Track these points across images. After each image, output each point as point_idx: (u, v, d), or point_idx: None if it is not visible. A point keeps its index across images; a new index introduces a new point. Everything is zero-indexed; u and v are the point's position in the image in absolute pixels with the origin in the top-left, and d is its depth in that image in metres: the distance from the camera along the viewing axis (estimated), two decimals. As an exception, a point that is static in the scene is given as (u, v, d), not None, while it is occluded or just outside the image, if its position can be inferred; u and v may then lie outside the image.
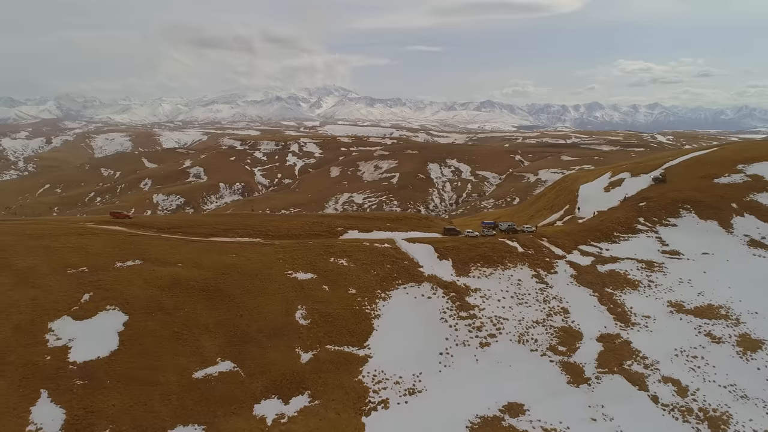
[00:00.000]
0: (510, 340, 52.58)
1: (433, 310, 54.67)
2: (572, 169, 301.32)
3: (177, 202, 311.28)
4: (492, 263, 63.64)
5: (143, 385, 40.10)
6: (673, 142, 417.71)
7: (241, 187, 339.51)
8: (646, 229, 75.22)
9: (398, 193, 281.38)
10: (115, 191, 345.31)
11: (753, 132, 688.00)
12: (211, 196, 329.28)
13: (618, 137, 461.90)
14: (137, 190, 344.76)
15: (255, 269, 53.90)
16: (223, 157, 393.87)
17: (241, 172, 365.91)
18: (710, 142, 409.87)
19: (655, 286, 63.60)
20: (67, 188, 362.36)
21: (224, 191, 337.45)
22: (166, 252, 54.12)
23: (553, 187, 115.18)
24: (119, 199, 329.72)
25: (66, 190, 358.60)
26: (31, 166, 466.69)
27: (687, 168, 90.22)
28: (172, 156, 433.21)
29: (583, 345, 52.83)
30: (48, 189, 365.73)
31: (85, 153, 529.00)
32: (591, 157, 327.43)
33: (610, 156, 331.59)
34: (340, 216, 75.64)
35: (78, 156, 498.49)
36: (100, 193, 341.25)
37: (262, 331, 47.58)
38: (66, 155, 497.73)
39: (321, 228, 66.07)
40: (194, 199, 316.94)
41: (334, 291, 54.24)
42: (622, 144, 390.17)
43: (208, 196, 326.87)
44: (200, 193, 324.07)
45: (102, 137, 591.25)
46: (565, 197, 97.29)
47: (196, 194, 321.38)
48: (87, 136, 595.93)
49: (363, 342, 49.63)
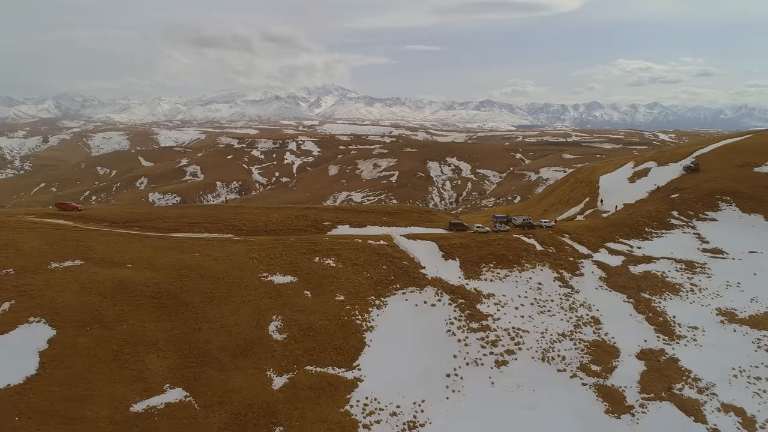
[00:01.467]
0: (532, 357, 43.13)
1: (437, 321, 45.24)
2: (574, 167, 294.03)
3: (173, 200, 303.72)
4: (507, 263, 54.14)
5: (63, 423, 30.76)
6: (675, 140, 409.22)
7: (238, 185, 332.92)
8: (681, 224, 65.61)
9: (397, 191, 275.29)
10: (111, 190, 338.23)
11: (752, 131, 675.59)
12: (208, 195, 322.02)
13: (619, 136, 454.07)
14: (133, 188, 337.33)
15: (222, 271, 44.48)
16: (220, 156, 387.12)
17: (239, 170, 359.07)
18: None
19: (699, 290, 54.02)
20: (63, 187, 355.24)
21: (221, 190, 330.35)
22: (114, 250, 44.77)
23: (567, 180, 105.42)
24: (115, 198, 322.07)
25: (61, 188, 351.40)
26: (27, 165, 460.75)
27: (721, 156, 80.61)
28: (168, 154, 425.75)
29: (621, 363, 43.35)
30: (43, 188, 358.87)
31: (83, 152, 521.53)
32: (592, 155, 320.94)
33: (612, 154, 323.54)
34: (329, 209, 66.21)
35: (75, 155, 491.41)
36: (96, 192, 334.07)
37: (226, 348, 38.17)
38: (63, 154, 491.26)
39: (305, 222, 56.68)
40: (190, 197, 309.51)
41: (318, 297, 44.81)
42: (624, 142, 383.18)
43: (205, 195, 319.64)
44: (197, 192, 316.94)
45: (99, 136, 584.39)
46: (584, 189, 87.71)
47: (192, 193, 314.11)
48: (84, 135, 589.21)
49: (352, 361, 40.21)
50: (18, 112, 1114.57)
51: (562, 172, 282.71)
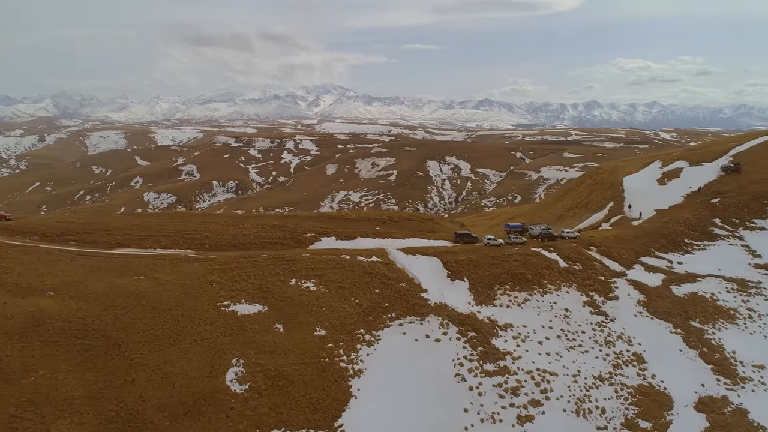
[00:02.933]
0: (563, 410, 33.90)
1: (443, 362, 36.04)
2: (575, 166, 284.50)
3: (168, 200, 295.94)
4: (526, 284, 44.87)
5: None
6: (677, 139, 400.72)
7: (234, 185, 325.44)
8: (726, 234, 56.26)
9: (396, 191, 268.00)
10: (106, 189, 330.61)
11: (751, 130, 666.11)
12: (204, 195, 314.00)
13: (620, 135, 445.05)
14: (128, 188, 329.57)
15: (170, 300, 35.27)
16: (216, 155, 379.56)
17: (235, 169, 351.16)
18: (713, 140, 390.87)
19: (759, 317, 44.74)
20: (57, 186, 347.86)
21: (217, 189, 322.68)
22: (35, 273, 35.61)
23: (583, 181, 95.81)
24: (109, 197, 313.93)
25: (56, 188, 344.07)
26: (23, 164, 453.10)
27: (763, 154, 71.06)
28: (165, 153, 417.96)
29: (677, 418, 34.16)
30: (38, 187, 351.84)
31: (79, 151, 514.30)
32: (594, 154, 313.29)
33: (614, 153, 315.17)
34: (313, 217, 56.57)
35: (71, 154, 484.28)
36: (90, 192, 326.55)
37: (165, 408, 28.99)
38: (59, 153, 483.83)
39: (282, 234, 47.25)
40: (186, 197, 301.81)
41: (293, 333, 35.58)
42: (625, 141, 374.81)
43: (201, 195, 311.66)
44: (192, 192, 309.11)
45: (96, 135, 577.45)
46: (605, 192, 78.30)
47: (188, 192, 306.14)
48: (81, 134, 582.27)
49: (333, 420, 31.02)
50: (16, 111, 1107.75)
51: (563, 172, 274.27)
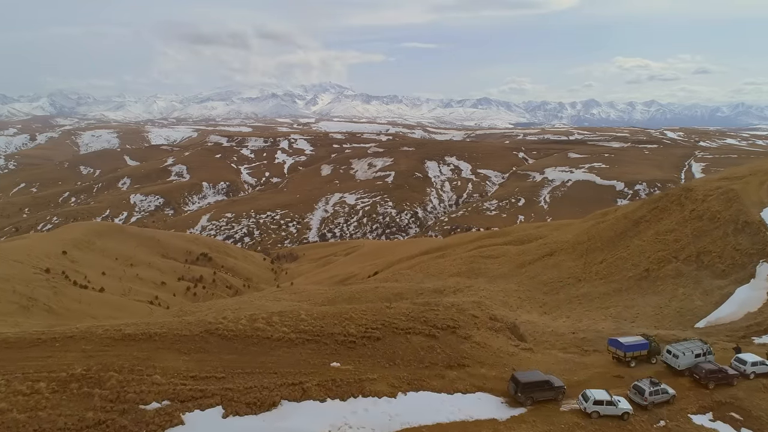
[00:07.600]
0: None
1: None
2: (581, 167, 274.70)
3: (156, 202, 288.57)
4: None
5: None
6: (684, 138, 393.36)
7: (225, 186, 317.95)
8: None
9: (394, 193, 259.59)
10: (92, 191, 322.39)
11: (751, 129, 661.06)
12: (193, 196, 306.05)
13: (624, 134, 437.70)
14: (115, 189, 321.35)
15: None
16: (208, 155, 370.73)
17: (227, 170, 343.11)
18: (723, 140, 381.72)
19: None
20: (43, 187, 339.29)
21: (207, 191, 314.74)
22: None
23: (666, 208, 60.83)
24: (95, 199, 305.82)
25: (41, 189, 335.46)
26: (11, 163, 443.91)
27: None
28: (155, 153, 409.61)
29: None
30: (24, 188, 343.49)
31: (70, 150, 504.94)
32: (601, 154, 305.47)
33: (621, 153, 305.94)
34: (183, 338, 22.90)
35: (62, 153, 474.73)
36: (76, 193, 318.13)
37: None
38: (50, 152, 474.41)
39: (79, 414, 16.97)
40: (174, 199, 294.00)
41: None
42: (632, 141, 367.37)
43: (190, 196, 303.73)
44: (181, 193, 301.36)
45: (88, 134, 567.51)
46: (732, 238, 46.89)
47: (176, 194, 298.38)
48: (73, 133, 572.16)
49: None
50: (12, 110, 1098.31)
51: (569, 173, 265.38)
